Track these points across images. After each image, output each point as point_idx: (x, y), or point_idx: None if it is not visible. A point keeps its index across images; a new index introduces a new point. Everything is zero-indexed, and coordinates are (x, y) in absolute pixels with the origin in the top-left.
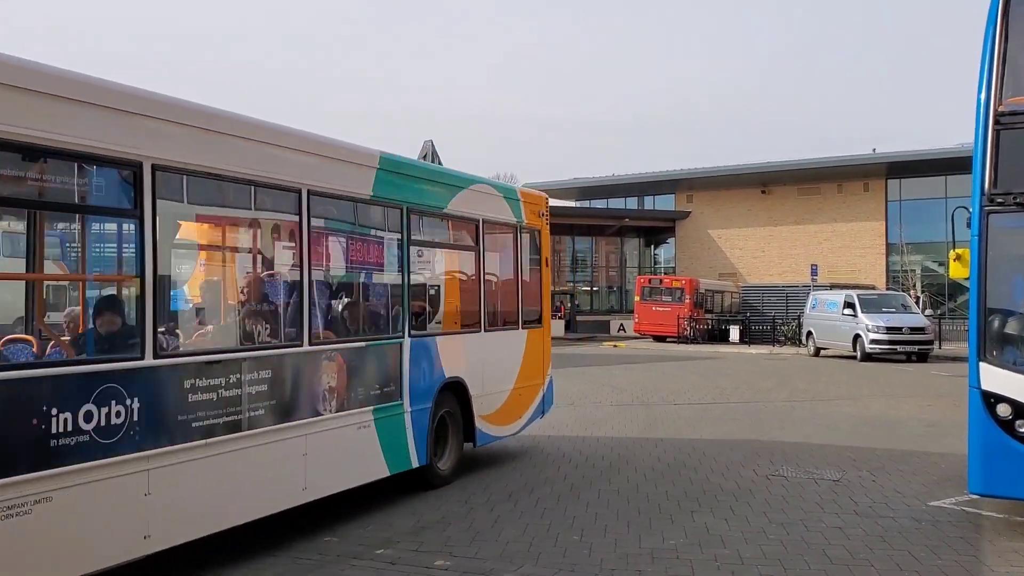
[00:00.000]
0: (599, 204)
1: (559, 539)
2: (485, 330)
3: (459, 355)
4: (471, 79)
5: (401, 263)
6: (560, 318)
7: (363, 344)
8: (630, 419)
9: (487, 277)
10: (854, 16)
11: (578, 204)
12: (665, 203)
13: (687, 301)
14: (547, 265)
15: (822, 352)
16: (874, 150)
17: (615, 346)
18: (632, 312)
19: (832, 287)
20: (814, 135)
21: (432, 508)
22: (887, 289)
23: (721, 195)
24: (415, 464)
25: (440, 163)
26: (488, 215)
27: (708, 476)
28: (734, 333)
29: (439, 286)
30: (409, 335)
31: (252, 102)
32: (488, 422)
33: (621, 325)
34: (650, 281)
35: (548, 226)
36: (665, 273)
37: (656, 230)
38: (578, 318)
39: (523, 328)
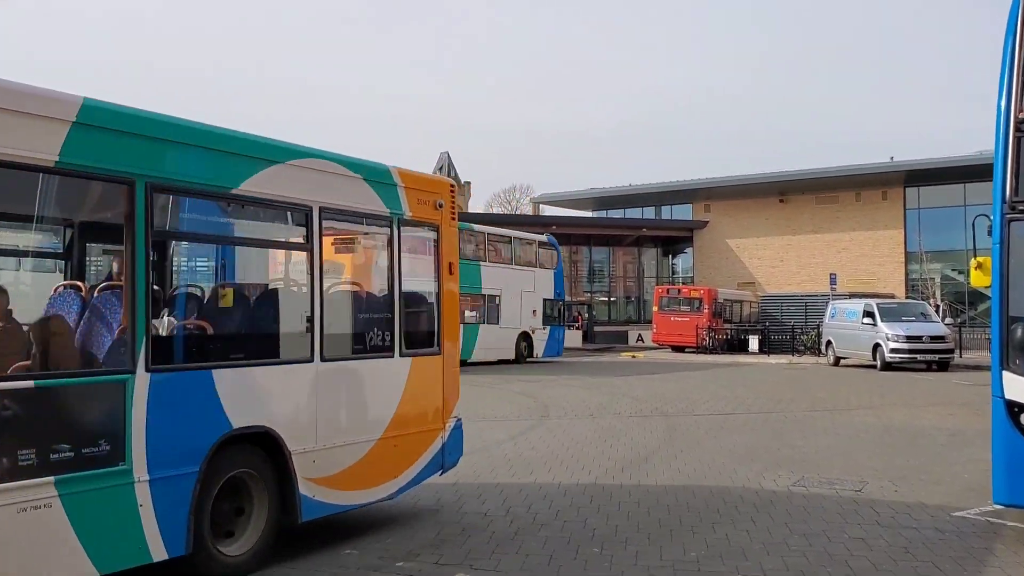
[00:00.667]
0: (616, 214)
1: (580, 551)
2: (323, 359)
3: (266, 395)
4: (479, 89)
5: (133, 264)
6: (578, 328)
7: (28, 385)
8: (649, 430)
9: (329, 286)
10: (871, 23)
11: (595, 214)
12: (683, 213)
13: (706, 311)
14: (451, 272)
15: (842, 361)
16: (892, 158)
17: (633, 357)
18: (650, 322)
19: (851, 296)
20: (831, 143)
21: (452, 520)
22: (906, 298)
23: (739, 204)
24: (160, 555)
25: (456, 175)
26: (330, 201)
27: (728, 487)
28: (753, 343)
29: (228, 298)
30: (148, 368)
31: (257, 111)
32: (327, 486)
33: (639, 335)
34: (668, 291)
35: (455, 220)
36: (683, 283)
37: (674, 240)
38: (596, 329)
39: (404, 356)
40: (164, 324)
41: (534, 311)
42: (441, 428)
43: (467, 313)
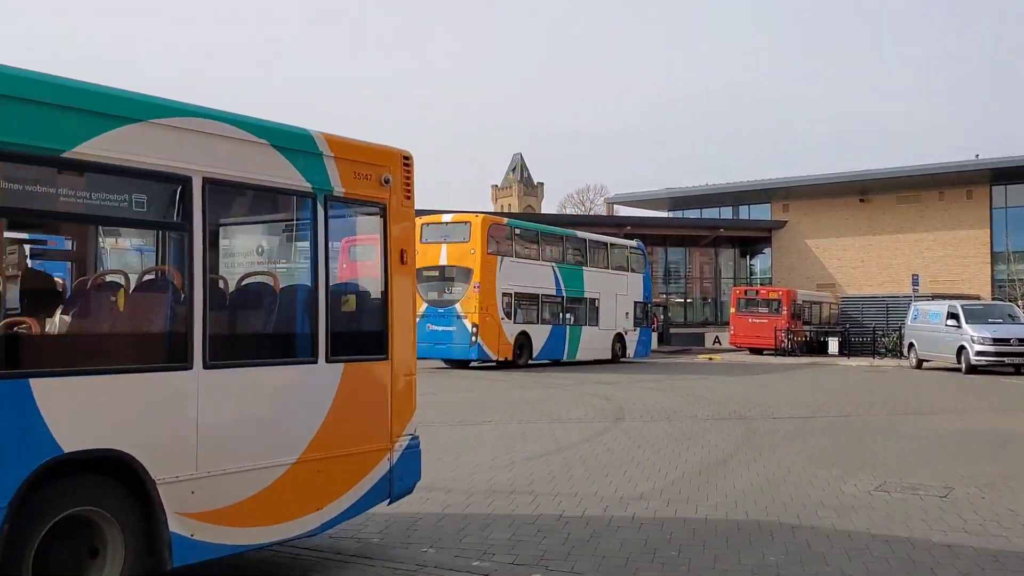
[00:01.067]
0: (692, 214)
1: (656, 554)
2: (208, 365)
3: (119, 410)
4: (555, 95)
5: None
6: (653, 330)
7: None
8: (727, 433)
9: (220, 276)
10: (953, 20)
11: (670, 214)
12: (761, 212)
13: (784, 313)
14: (404, 262)
15: (924, 364)
16: (977, 156)
17: (710, 359)
18: (727, 324)
19: (934, 297)
20: (913, 140)
21: (527, 522)
22: (993, 299)
23: (818, 204)
24: None
25: (530, 176)
26: (221, 172)
27: (808, 491)
28: (833, 345)
29: (59, 289)
30: None
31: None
32: (214, 522)
33: (716, 337)
34: (746, 292)
35: (411, 200)
36: (761, 284)
37: (752, 240)
38: (672, 330)
39: (332, 362)
40: None
41: (627, 313)
42: (388, 448)
43: (565, 316)
